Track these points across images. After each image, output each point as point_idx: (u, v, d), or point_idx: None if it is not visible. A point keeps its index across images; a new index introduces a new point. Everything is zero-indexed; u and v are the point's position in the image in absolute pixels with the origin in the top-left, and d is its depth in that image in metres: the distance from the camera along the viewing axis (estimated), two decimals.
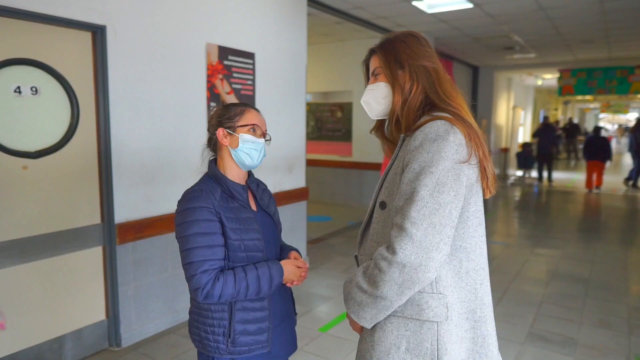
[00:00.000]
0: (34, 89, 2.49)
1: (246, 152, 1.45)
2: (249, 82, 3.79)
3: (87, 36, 2.71)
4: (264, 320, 1.44)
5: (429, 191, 1.06)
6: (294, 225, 4.46)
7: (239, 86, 3.70)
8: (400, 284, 1.07)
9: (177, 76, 3.19)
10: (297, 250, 1.59)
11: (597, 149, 9.71)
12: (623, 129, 32.56)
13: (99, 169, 2.83)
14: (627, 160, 17.65)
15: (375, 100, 1.30)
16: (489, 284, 1.22)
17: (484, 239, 1.22)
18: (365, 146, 7.53)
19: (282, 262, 1.46)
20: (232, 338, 1.39)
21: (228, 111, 1.47)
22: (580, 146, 20.05)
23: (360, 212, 7.26)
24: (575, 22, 6.16)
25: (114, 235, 2.87)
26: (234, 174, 1.48)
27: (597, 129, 10.18)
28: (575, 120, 22.37)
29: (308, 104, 8.12)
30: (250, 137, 1.45)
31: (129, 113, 2.90)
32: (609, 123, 38.11)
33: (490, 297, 1.22)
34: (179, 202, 1.40)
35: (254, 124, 1.46)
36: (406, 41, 1.25)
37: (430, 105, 1.21)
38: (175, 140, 3.20)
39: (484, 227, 1.22)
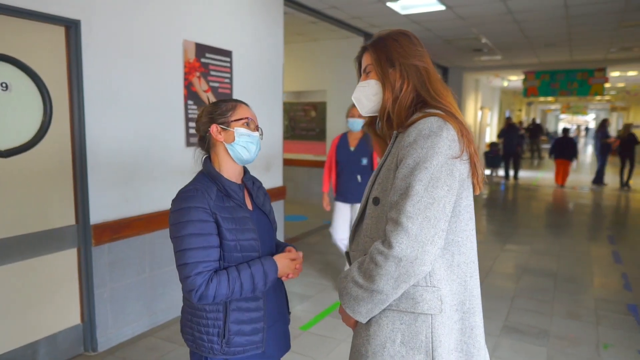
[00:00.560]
0: (4, 85, 2.38)
1: (243, 146, 1.43)
2: (227, 80, 3.75)
3: (60, 31, 2.62)
4: (259, 321, 1.43)
5: (423, 186, 1.09)
6: None
7: (216, 84, 3.65)
8: (397, 278, 1.09)
9: (154, 73, 3.12)
10: (293, 247, 1.58)
11: (563, 148, 10.38)
12: (579, 130, 33.97)
13: (73, 168, 2.74)
14: (588, 160, 18.46)
15: (365, 97, 1.32)
16: (478, 276, 1.25)
17: (474, 232, 1.25)
18: None
19: (275, 257, 1.45)
20: (226, 339, 1.37)
21: (219, 107, 1.45)
22: (544, 146, 20.80)
23: None
24: (540, 26, 6.40)
25: (89, 236, 2.78)
26: (230, 171, 1.46)
27: (566, 130, 10.87)
28: (538, 121, 23.18)
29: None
30: (245, 130, 1.44)
31: (105, 111, 2.82)
32: (568, 124, 39.69)
33: (479, 289, 1.25)
34: (174, 201, 1.37)
35: (247, 118, 1.45)
36: (398, 40, 1.27)
37: (422, 103, 1.24)
38: (152, 139, 3.13)
39: (474, 221, 1.26)
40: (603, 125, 11.50)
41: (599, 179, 10.95)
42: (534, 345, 3.03)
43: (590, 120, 40.06)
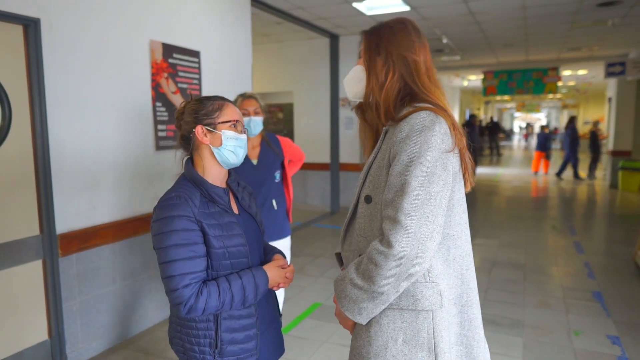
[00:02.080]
0: None
1: (231, 150, 1.37)
2: (195, 81, 3.66)
3: (18, 30, 2.47)
4: (252, 328, 1.37)
5: (419, 182, 1.07)
6: None
7: (185, 85, 3.55)
8: (398, 277, 1.07)
9: (120, 74, 2.99)
10: (281, 253, 1.54)
11: (540, 142, 12.47)
12: (532, 128, 35.40)
13: (36, 175, 2.59)
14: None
15: (352, 81, 1.30)
16: (474, 269, 1.25)
17: (468, 225, 1.25)
18: (308, 147, 7.53)
19: (265, 267, 1.40)
20: (219, 349, 1.31)
21: (204, 106, 1.37)
22: (502, 143, 21.52)
23: (305, 213, 7.26)
24: (499, 27, 6.62)
25: (55, 246, 2.63)
26: (215, 175, 1.39)
27: (544, 127, 13.06)
28: (495, 119, 24.01)
29: None
30: (233, 133, 1.37)
31: (69, 114, 2.68)
32: (523, 121, 41.32)
33: (475, 281, 1.25)
34: (155, 209, 1.29)
35: (235, 120, 1.38)
36: (393, 28, 1.25)
37: (410, 96, 1.22)
38: (120, 142, 3.00)
39: (467, 215, 1.26)
40: (572, 121, 12.07)
41: (558, 172, 11.57)
42: (510, 336, 3.10)
43: (542, 117, 41.92)
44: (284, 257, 1.52)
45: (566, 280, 4.19)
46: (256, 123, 2.54)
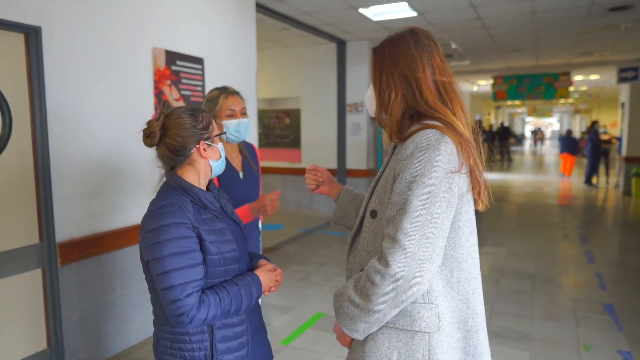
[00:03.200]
0: None
1: (224, 161, 1.38)
2: (199, 88, 3.64)
3: (19, 38, 2.47)
4: (244, 335, 1.36)
5: (421, 202, 1.05)
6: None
7: (188, 92, 3.54)
8: (394, 297, 1.06)
9: (122, 82, 2.98)
10: (265, 258, 1.53)
11: (568, 145, 13.14)
12: (542, 133, 34.92)
13: (36, 184, 2.58)
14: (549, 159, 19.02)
15: (368, 100, 1.31)
16: (481, 293, 1.21)
17: (476, 247, 1.22)
18: (315, 152, 7.52)
19: (257, 272, 1.39)
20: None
21: (197, 120, 1.33)
22: (513, 148, 21.29)
23: (312, 219, 7.22)
24: (508, 32, 6.53)
25: (54, 255, 2.62)
26: (203, 183, 1.38)
27: (569, 131, 13.87)
28: (506, 124, 23.79)
29: None
30: (222, 144, 1.38)
31: (70, 122, 2.67)
32: (534, 126, 40.92)
33: (482, 306, 1.21)
34: (147, 219, 1.26)
35: (223, 131, 1.39)
36: (394, 45, 1.21)
37: (419, 114, 1.18)
38: (121, 151, 2.99)
39: (475, 236, 1.22)
40: (593, 125, 11.84)
41: (586, 178, 11.27)
42: (517, 350, 3.02)
43: (554, 122, 41.45)
44: (269, 261, 1.51)
45: (576, 292, 4.09)
46: (246, 126, 2.06)
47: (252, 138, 4.35)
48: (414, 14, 5.39)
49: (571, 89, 11.33)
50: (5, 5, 2.33)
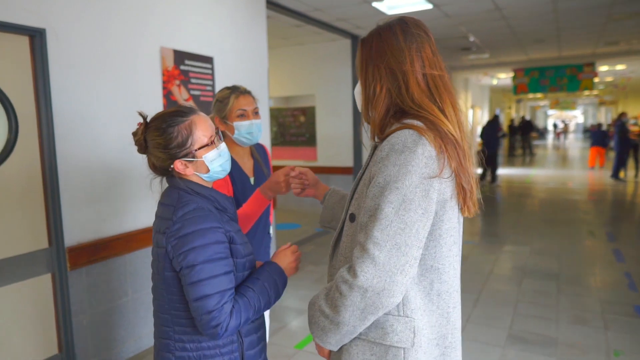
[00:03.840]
0: None
1: (219, 170, 1.27)
2: (209, 87, 3.58)
3: (24, 41, 2.44)
4: (264, 338, 1.33)
5: (394, 209, 0.97)
6: None
7: (197, 92, 3.48)
8: (363, 309, 0.99)
9: (129, 83, 2.94)
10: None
11: (597, 138, 13.01)
12: (567, 126, 33.93)
13: (44, 188, 2.55)
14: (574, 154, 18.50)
15: (357, 95, 1.22)
16: (460, 307, 1.15)
17: (459, 258, 1.13)
18: (331, 150, 7.42)
19: (273, 258, 1.33)
20: None
21: (171, 137, 1.19)
22: (535, 142, 20.80)
23: None
24: (528, 22, 6.31)
25: (64, 260, 2.59)
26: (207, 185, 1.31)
27: (599, 124, 13.68)
28: (528, 118, 23.24)
29: (270, 110, 7.93)
30: (214, 153, 1.24)
31: (77, 125, 2.64)
32: (557, 119, 39.90)
33: (460, 321, 1.15)
34: (179, 223, 1.16)
35: (211, 136, 1.24)
36: (382, 35, 1.12)
37: (402, 112, 1.09)
38: (128, 153, 2.95)
39: (459, 247, 1.13)
40: (620, 118, 11.42)
41: (613, 172, 10.87)
42: (542, 355, 2.87)
43: (578, 115, 40.34)
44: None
45: (605, 293, 3.90)
46: (258, 128, 1.95)
47: (265, 138, 4.28)
48: (429, 6, 5.23)
49: (596, 80, 10.96)
50: (9, 8, 2.30)
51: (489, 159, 10.77)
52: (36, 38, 2.45)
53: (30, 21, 2.39)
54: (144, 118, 1.26)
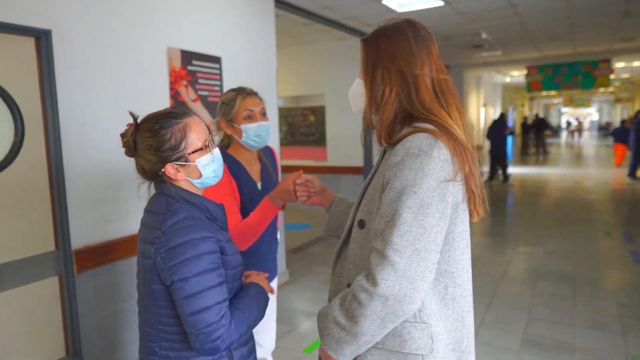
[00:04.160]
0: None
1: (212, 176, 1.22)
2: (216, 88, 3.55)
3: (29, 42, 2.42)
4: (254, 350, 1.29)
5: (412, 214, 0.96)
6: None
7: (205, 92, 3.45)
8: (383, 318, 0.97)
9: (136, 84, 2.92)
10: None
11: (620, 135, 12.77)
12: (581, 124, 33.25)
13: (50, 190, 2.54)
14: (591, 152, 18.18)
15: (355, 96, 1.21)
16: (473, 310, 1.14)
17: (470, 262, 1.13)
18: (341, 150, 7.36)
19: (250, 280, 1.29)
20: None
21: (164, 139, 1.14)
22: (548, 140, 20.51)
23: None
24: (542, 19, 6.18)
25: (70, 263, 2.57)
26: (197, 192, 1.26)
27: (623, 121, 13.46)
28: (541, 116, 22.92)
29: (279, 109, 7.89)
30: (208, 157, 1.20)
31: (83, 126, 2.62)
32: (570, 117, 39.29)
33: (473, 325, 1.15)
34: (168, 233, 1.10)
35: (205, 140, 1.20)
36: (391, 37, 1.10)
37: (410, 116, 1.08)
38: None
39: (470, 250, 1.13)
40: (637, 115, 11.19)
41: (630, 171, 10.62)
42: None
43: (593, 112, 39.67)
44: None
45: (622, 296, 3.78)
46: (267, 130, 1.88)
47: (274, 140, 4.24)
48: (440, 3, 5.14)
49: (612, 76, 10.72)
50: (14, 9, 2.28)
51: (497, 158, 10.63)
52: (42, 39, 2.44)
53: (35, 22, 2.38)
54: (135, 118, 1.20)
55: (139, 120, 1.21)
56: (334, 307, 1.05)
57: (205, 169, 1.20)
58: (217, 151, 1.23)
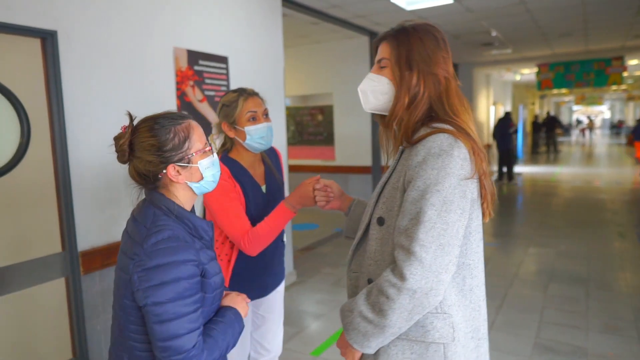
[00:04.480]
0: None
1: (211, 180, 1.18)
2: (223, 88, 3.53)
3: (35, 43, 2.41)
4: None
5: (436, 211, 1.02)
6: None
7: (212, 93, 3.43)
8: (410, 310, 1.03)
9: (142, 84, 2.90)
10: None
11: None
12: (592, 122, 32.72)
13: (56, 192, 2.53)
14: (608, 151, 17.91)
15: (372, 94, 1.23)
16: (486, 299, 1.21)
17: (482, 254, 1.19)
18: (349, 149, 7.31)
19: (228, 303, 1.23)
20: None
21: (166, 138, 1.10)
22: (559, 139, 20.27)
23: None
24: (554, 15, 6.07)
25: (77, 264, 2.57)
26: (189, 205, 1.20)
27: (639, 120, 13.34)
28: (552, 114, 22.65)
29: (287, 109, 7.86)
30: (209, 159, 1.16)
31: (89, 127, 2.61)
32: (582, 115, 38.79)
33: (486, 313, 1.21)
34: (146, 254, 1.05)
35: (205, 143, 1.17)
36: (424, 40, 1.15)
37: (429, 117, 1.15)
38: None
39: (482, 243, 1.19)
40: None
41: None
42: None
43: (605, 110, 39.14)
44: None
45: (637, 299, 3.70)
46: (271, 131, 1.83)
47: (281, 139, 4.21)
48: (449, 0, 5.07)
49: (625, 74, 10.54)
50: (20, 10, 2.27)
51: (503, 157, 10.51)
52: (47, 40, 2.42)
53: (41, 23, 2.37)
54: (132, 119, 1.16)
55: (135, 122, 1.17)
56: (358, 302, 1.09)
57: (206, 172, 1.16)
58: (215, 155, 1.21)
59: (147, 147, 1.11)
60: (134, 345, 1.12)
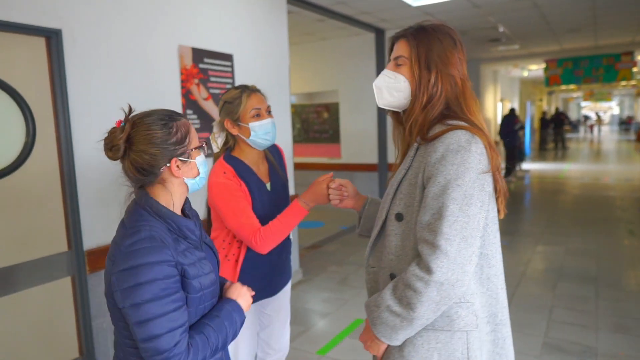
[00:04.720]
0: None
1: (204, 177, 1.20)
2: (228, 85, 3.51)
3: (40, 42, 2.41)
4: None
5: (458, 205, 1.06)
6: None
7: (217, 91, 3.41)
8: (438, 302, 1.06)
9: (147, 82, 2.89)
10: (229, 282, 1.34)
11: None
12: (600, 119, 32.35)
13: (62, 191, 2.53)
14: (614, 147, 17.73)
15: (388, 91, 1.25)
16: (505, 288, 1.24)
17: (499, 244, 1.22)
18: (354, 147, 7.28)
19: (230, 295, 1.22)
20: None
21: (169, 132, 1.11)
22: (568, 136, 20.08)
23: (352, 216, 7.00)
24: (562, 10, 5.99)
25: (83, 263, 2.57)
26: (178, 206, 1.19)
27: None
28: (561, 110, 22.44)
29: (293, 106, 7.85)
30: (203, 157, 1.19)
31: (94, 126, 2.60)
32: (591, 111, 38.41)
33: (507, 300, 1.24)
34: (121, 255, 1.05)
35: (203, 140, 1.21)
36: (443, 42, 1.18)
37: (444, 115, 1.18)
38: None
39: (499, 233, 1.23)
40: None
41: None
42: None
43: (614, 106, 38.72)
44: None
45: None
46: (274, 127, 1.81)
47: (286, 136, 4.19)
48: None
49: (635, 69, 10.41)
50: (24, 9, 2.26)
51: (509, 154, 10.42)
52: (52, 39, 2.42)
53: (46, 22, 2.36)
54: (128, 114, 1.15)
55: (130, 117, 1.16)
56: (385, 296, 1.12)
57: (202, 168, 1.19)
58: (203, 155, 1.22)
59: (149, 139, 1.10)
60: (124, 342, 1.13)
